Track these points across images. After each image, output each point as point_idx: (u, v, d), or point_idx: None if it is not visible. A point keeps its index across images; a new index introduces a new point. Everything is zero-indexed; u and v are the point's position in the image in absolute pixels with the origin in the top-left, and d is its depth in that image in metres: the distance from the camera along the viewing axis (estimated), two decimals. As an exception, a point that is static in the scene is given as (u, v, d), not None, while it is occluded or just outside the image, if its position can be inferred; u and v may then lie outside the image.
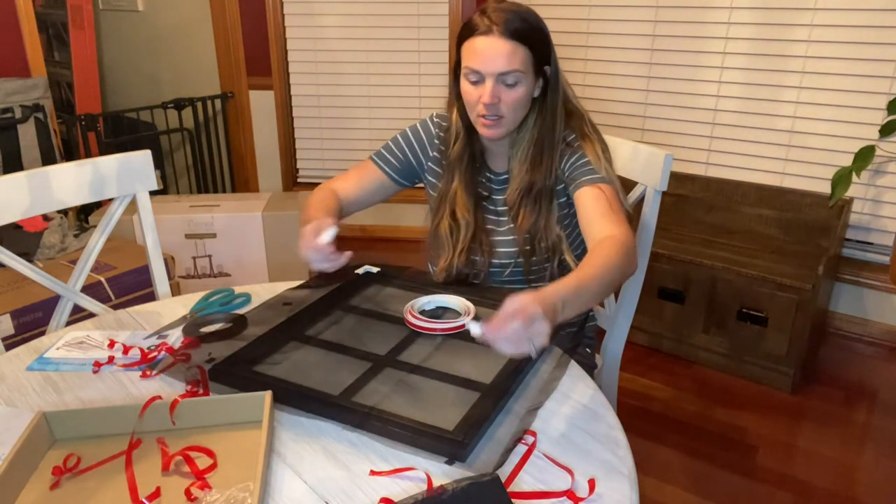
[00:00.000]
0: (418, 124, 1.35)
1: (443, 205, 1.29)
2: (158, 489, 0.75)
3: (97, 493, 0.76)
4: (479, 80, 1.14)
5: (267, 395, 0.86)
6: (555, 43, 1.20)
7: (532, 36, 1.13)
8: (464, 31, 1.15)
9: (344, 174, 1.35)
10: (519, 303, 0.81)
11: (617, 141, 1.43)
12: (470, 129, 1.25)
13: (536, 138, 1.21)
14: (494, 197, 1.29)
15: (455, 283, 1.26)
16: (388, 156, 1.34)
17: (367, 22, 3.12)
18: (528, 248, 1.25)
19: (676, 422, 2.01)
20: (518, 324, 0.79)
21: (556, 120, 1.20)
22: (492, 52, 1.11)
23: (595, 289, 0.97)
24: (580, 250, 1.30)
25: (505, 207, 1.28)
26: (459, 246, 1.27)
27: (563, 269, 1.27)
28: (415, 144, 1.34)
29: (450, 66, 1.25)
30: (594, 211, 1.13)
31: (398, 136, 1.35)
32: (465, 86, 1.17)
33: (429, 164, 1.34)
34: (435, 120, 1.34)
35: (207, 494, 0.74)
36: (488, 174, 1.30)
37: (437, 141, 1.32)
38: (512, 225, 1.26)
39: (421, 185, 1.39)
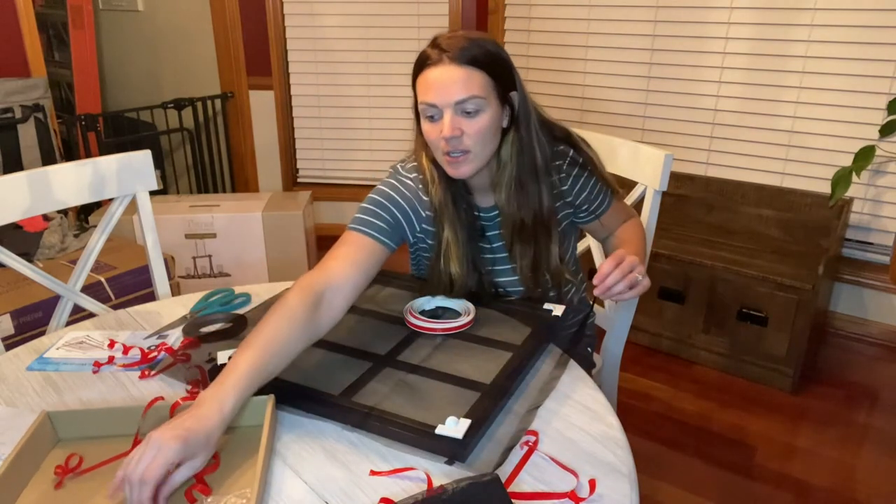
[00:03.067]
0: (394, 181, 1.17)
1: (437, 261, 1.17)
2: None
3: (99, 492, 0.76)
4: (436, 116, 1.05)
5: (269, 399, 0.86)
6: (555, 43, 1.18)
7: (489, 60, 1.04)
8: (416, 67, 1.07)
9: (328, 257, 1.06)
10: (616, 258, 1.01)
11: (617, 141, 1.43)
12: (443, 170, 1.13)
13: (517, 174, 1.12)
14: (488, 234, 1.21)
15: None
16: (373, 220, 1.11)
17: (367, 22, 3.12)
18: (532, 284, 1.20)
19: (676, 422, 2.01)
20: (619, 272, 1.00)
21: (533, 148, 1.12)
22: (445, 80, 1.02)
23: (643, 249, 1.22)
24: (573, 266, 1.30)
25: (500, 243, 1.21)
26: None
27: (564, 297, 1.28)
28: (403, 204, 1.15)
29: (414, 108, 1.13)
30: (614, 224, 1.28)
31: (376, 196, 1.15)
32: (424, 126, 1.08)
33: (423, 225, 1.18)
34: (410, 175, 1.18)
35: (205, 500, 0.73)
36: (476, 212, 1.20)
37: (425, 198, 1.16)
38: (512, 265, 1.20)
39: (399, 247, 1.18)
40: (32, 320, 1.88)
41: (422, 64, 1.05)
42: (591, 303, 1.42)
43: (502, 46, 1.10)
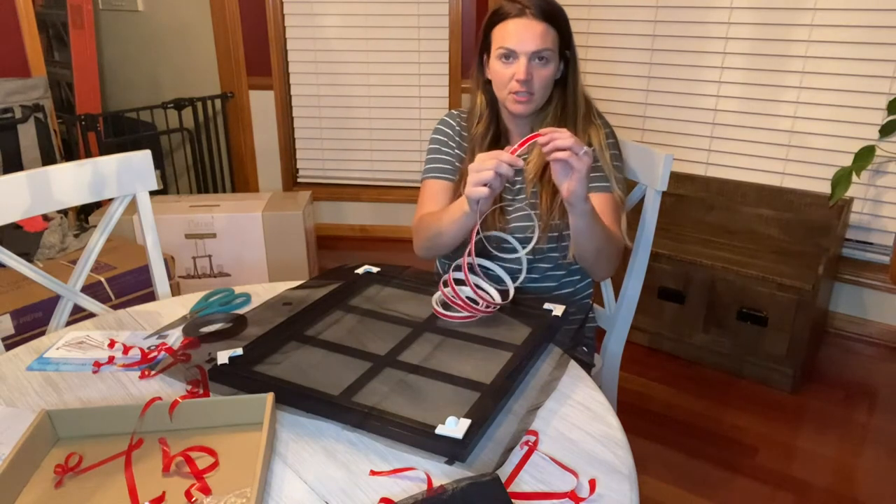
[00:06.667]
0: (439, 126, 1.41)
1: (461, 182, 1.30)
2: (164, 494, 0.75)
3: (99, 491, 0.76)
4: (512, 60, 1.22)
5: (269, 398, 0.86)
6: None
7: (561, 19, 1.23)
8: (494, 17, 1.24)
9: (422, 205, 1.36)
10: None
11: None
12: (494, 110, 1.33)
13: (560, 114, 1.28)
14: (514, 177, 1.30)
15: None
16: (439, 165, 1.38)
17: (367, 22, 3.12)
18: (547, 219, 1.27)
19: (676, 422, 2.02)
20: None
21: (577, 101, 1.29)
22: (526, 33, 1.20)
23: (600, 230, 1.17)
24: None
25: (521, 186, 1.31)
26: None
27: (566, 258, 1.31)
28: (449, 142, 1.39)
29: (478, 54, 1.31)
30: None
31: (430, 146, 1.41)
32: (496, 66, 1.25)
33: (456, 150, 1.39)
34: (454, 114, 1.41)
35: (205, 500, 0.73)
36: None
37: (459, 129, 1.39)
38: (527, 210, 1.29)
39: None
40: (32, 320, 1.88)
41: (502, 15, 1.23)
42: (591, 304, 1.42)
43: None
